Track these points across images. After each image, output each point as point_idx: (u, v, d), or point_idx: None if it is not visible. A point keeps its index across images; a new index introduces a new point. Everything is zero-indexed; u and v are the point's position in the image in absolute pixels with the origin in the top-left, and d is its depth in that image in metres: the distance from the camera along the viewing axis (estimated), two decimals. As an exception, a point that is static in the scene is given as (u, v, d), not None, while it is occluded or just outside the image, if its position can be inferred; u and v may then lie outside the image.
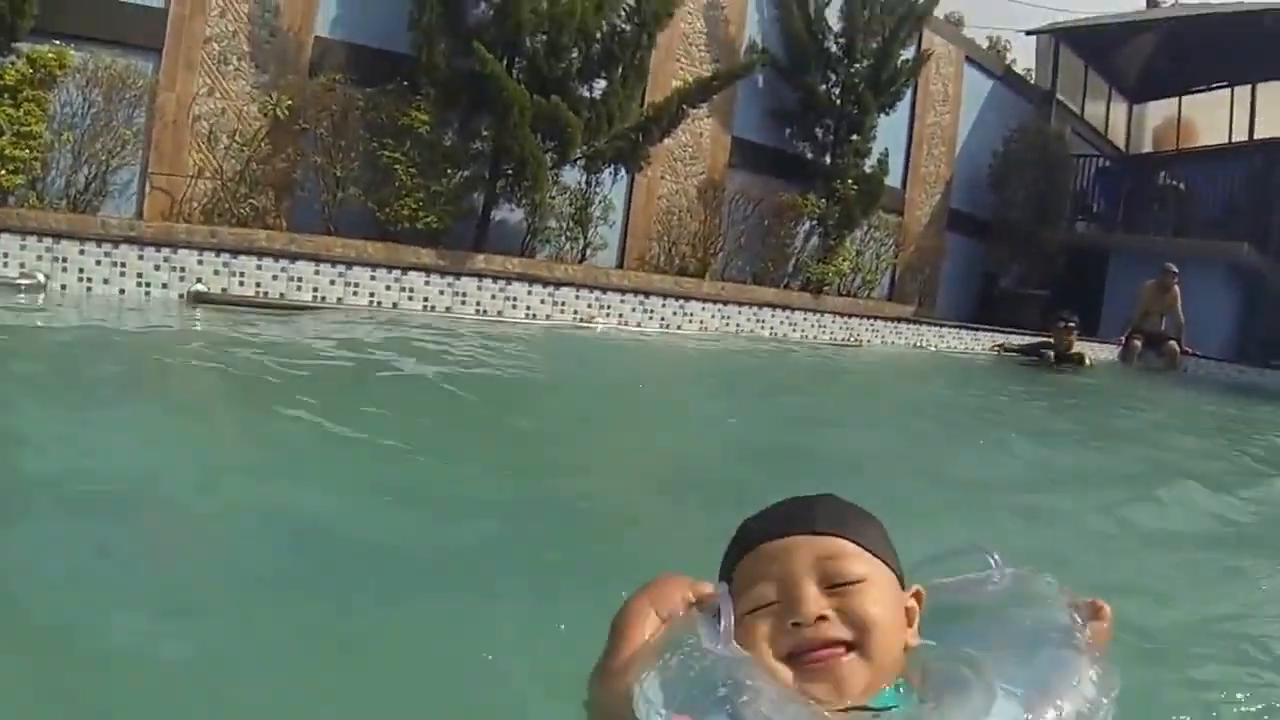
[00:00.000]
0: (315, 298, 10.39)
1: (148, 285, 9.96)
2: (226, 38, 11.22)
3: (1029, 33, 22.34)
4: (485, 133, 11.80)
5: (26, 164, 10.07)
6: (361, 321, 9.67)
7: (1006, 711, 1.34)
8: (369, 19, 11.79)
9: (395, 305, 10.68)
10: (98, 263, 9.87)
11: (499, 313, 11.22)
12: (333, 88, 11.23)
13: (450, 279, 11.03)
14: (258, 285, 10.21)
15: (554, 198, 12.47)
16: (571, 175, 12.78)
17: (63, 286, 9.64)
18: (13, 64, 10.13)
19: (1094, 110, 23.86)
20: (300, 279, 10.35)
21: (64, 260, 9.80)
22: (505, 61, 11.58)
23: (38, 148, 10.15)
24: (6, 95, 10.05)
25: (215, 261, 10.12)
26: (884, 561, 1.54)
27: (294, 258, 10.36)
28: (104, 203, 10.64)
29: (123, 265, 9.95)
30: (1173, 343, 15.82)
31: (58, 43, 10.30)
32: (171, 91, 11.00)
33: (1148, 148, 25.41)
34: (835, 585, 1.47)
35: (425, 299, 10.86)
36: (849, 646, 1.42)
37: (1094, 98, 23.81)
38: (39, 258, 9.74)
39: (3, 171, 9.89)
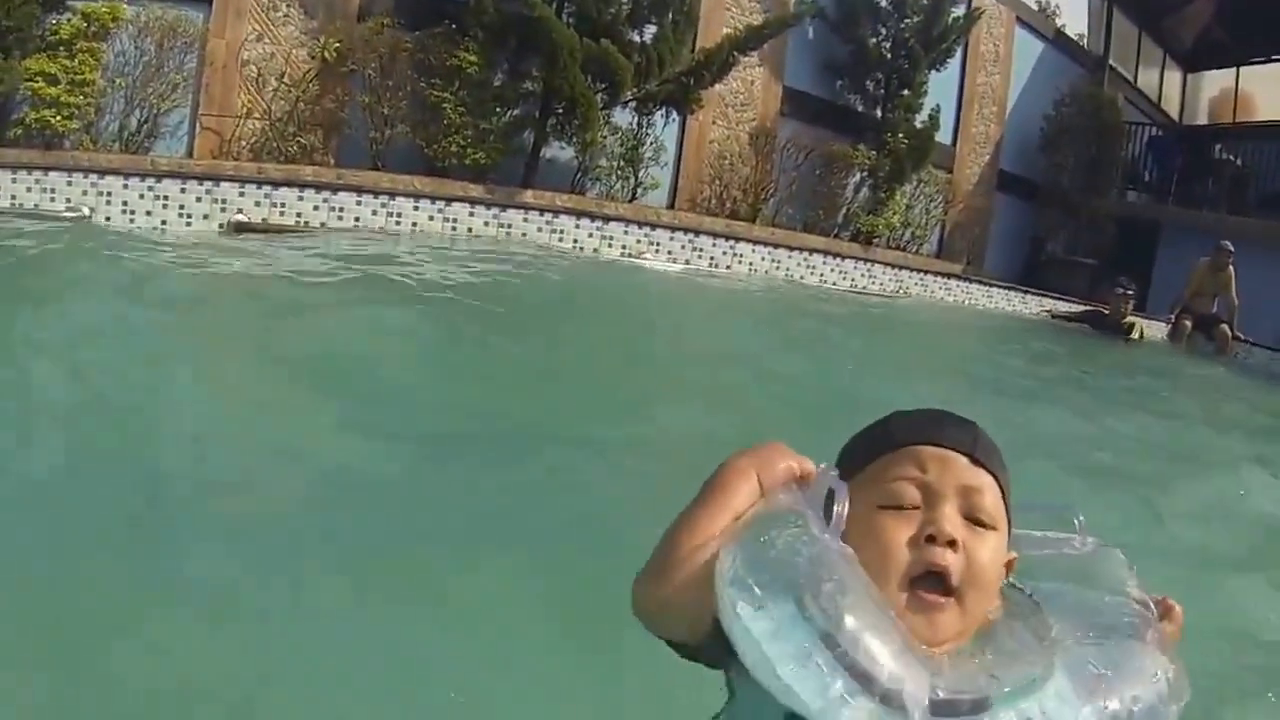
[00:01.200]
0: (356, 227, 10.50)
1: (189, 217, 10.19)
2: None
3: (1082, -5, 21.95)
4: (535, 73, 11.78)
5: (81, 109, 10.37)
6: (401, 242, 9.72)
7: (1060, 689, 1.28)
8: None
9: (438, 234, 10.74)
10: (140, 196, 10.16)
11: (545, 245, 11.15)
12: (381, 30, 11.31)
13: (496, 210, 11.04)
14: (298, 216, 10.37)
15: (605, 137, 12.43)
16: (623, 116, 12.73)
17: (106, 219, 9.92)
18: (69, 20, 10.47)
19: (1147, 78, 23.22)
20: (342, 209, 10.48)
21: (108, 195, 10.12)
22: (554, 6, 11.60)
23: (91, 94, 10.44)
24: (62, 48, 10.37)
25: (257, 193, 10.31)
26: (1009, 514, 1.48)
27: (335, 189, 10.48)
28: (155, 144, 10.89)
29: (165, 198, 10.20)
30: (1224, 326, 14.89)
31: None
32: (221, 38, 11.17)
33: (1203, 119, 24.56)
34: (972, 521, 1.40)
35: (470, 229, 10.84)
36: (952, 594, 1.35)
37: (1147, 65, 23.19)
38: (84, 193, 10.08)
39: (58, 117, 10.19)
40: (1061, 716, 1.25)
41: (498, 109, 11.60)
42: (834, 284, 13.29)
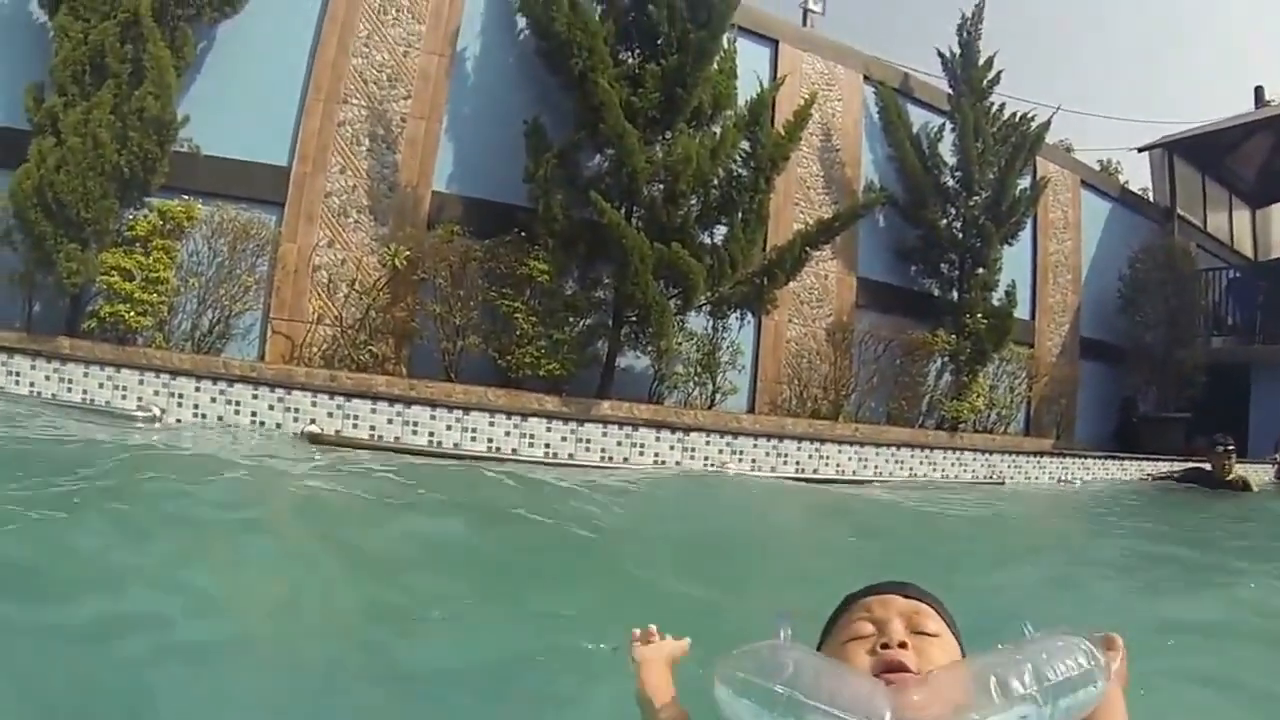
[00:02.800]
0: (431, 442, 10.11)
1: (262, 423, 9.92)
2: (346, 192, 11.32)
3: (1141, 149, 21.78)
4: (606, 281, 11.54)
5: (154, 307, 10.46)
6: (483, 468, 9.27)
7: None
8: (485, 174, 11.85)
9: (515, 451, 10.27)
10: (212, 400, 9.94)
11: (625, 459, 10.72)
12: (451, 239, 11.16)
13: (573, 425, 10.63)
14: (372, 429, 10.03)
15: (680, 344, 12.07)
16: (697, 321, 12.39)
17: (178, 420, 9.69)
18: (145, 216, 10.67)
19: (1216, 221, 22.88)
20: (416, 423, 10.10)
21: (180, 396, 9.94)
22: (623, 210, 11.37)
23: (165, 292, 10.53)
24: (138, 244, 10.57)
25: (329, 404, 10.04)
26: (953, 631, 1.92)
27: (410, 402, 10.16)
28: (226, 345, 10.84)
29: (237, 403, 9.97)
30: (1330, 455, 14.53)
31: (186, 198, 10.75)
32: (293, 242, 11.13)
33: (1277, 253, 24.24)
34: (917, 632, 1.83)
35: (547, 445, 10.45)
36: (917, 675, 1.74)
37: (1215, 208, 22.86)
38: (156, 393, 9.91)
39: (132, 313, 10.31)
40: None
41: (570, 318, 11.33)
42: (924, 476, 12.69)
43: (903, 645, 1.78)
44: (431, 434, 10.17)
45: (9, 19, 11.85)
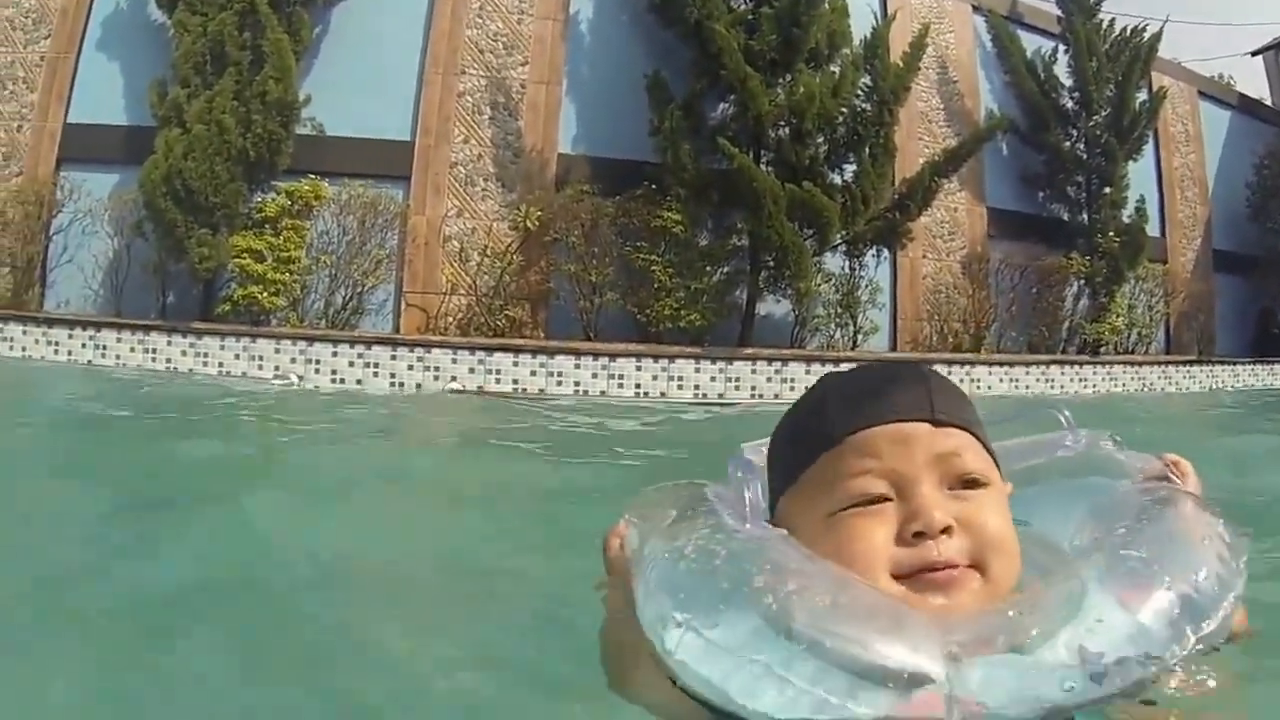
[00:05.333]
0: (578, 391, 10.10)
1: (401, 384, 10.01)
2: (471, 161, 11.31)
3: (1254, 53, 20.97)
4: (741, 227, 11.32)
5: (287, 286, 10.56)
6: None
7: (1100, 605, 1.03)
8: (609, 132, 11.75)
9: (663, 394, 10.21)
10: (350, 364, 10.09)
11: (775, 395, 10.57)
12: (580, 198, 11.03)
13: (721, 364, 10.52)
14: (515, 382, 10.07)
15: (819, 285, 11.83)
16: (834, 262, 12.15)
17: (315, 386, 9.88)
18: (273, 198, 10.77)
19: (1336, 118, 21.97)
20: (560, 374, 10.09)
21: (317, 362, 10.13)
22: (751, 154, 11.09)
23: (297, 271, 10.63)
24: (268, 225, 10.68)
25: (470, 359, 10.09)
26: (992, 455, 1.24)
27: (552, 352, 10.15)
28: (360, 320, 10.88)
29: (375, 365, 10.08)
30: None
31: (313, 177, 10.80)
32: (422, 215, 11.13)
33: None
34: (957, 488, 1.16)
35: (696, 386, 10.33)
36: (972, 568, 1.11)
37: (1333, 105, 21.94)
38: (292, 360, 10.18)
39: (265, 294, 10.41)
40: (1114, 629, 1.01)
41: (707, 267, 11.17)
42: (1075, 392, 12.50)
43: (947, 531, 1.11)
44: (577, 383, 10.13)
45: (128, 22, 12.06)
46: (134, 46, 12.08)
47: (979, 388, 11.75)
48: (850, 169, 11.77)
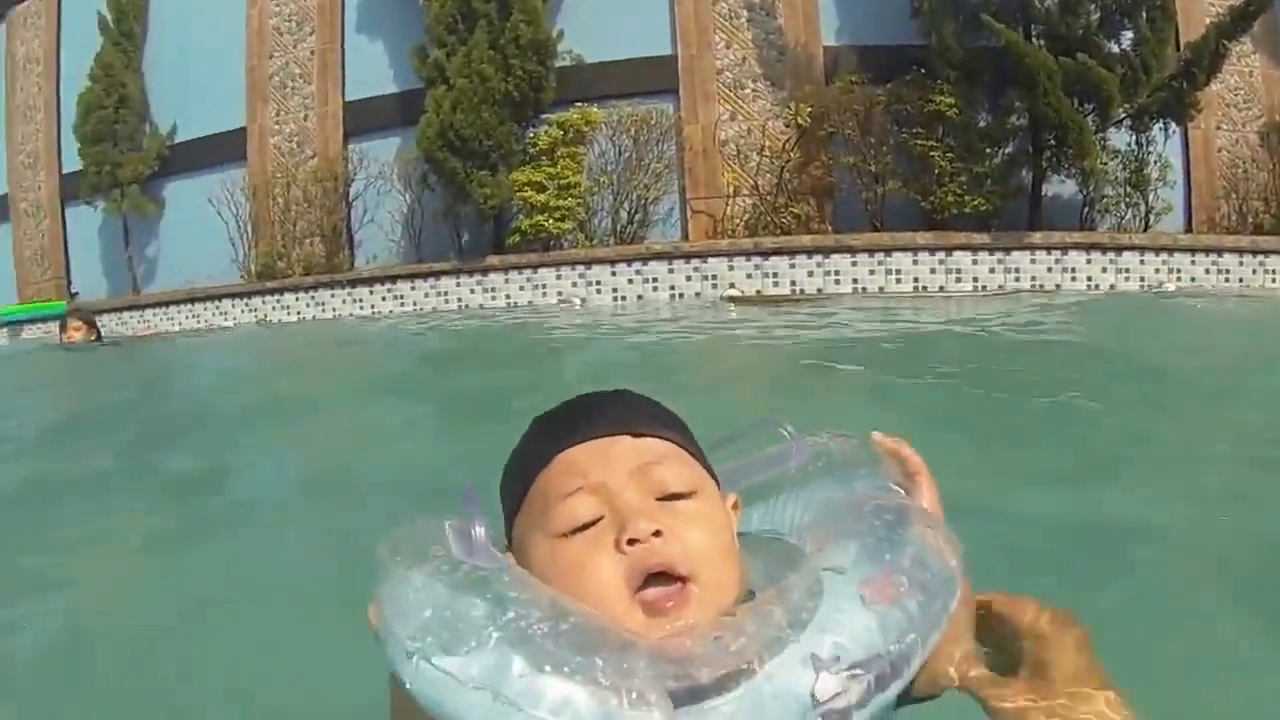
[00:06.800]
0: (855, 289, 10.03)
1: (680, 295, 10.22)
2: (737, 65, 11.36)
3: None
4: (1018, 105, 10.89)
5: (571, 211, 10.95)
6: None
7: (839, 595, 1.03)
8: (872, 18, 11.48)
9: (942, 289, 9.99)
10: (629, 281, 10.43)
11: (1056, 286, 10.13)
12: (851, 89, 10.88)
13: (999, 255, 10.12)
14: (793, 284, 10.09)
15: (1104, 163, 11.20)
16: (1119, 138, 11.50)
17: (597, 306, 10.27)
18: (545, 131, 11.19)
19: None
20: (837, 273, 10.06)
21: (597, 283, 10.55)
22: (1020, 30, 10.70)
23: (578, 194, 10.99)
24: (543, 157, 11.08)
25: (747, 265, 10.20)
26: (706, 467, 1.24)
27: (828, 252, 10.07)
28: (648, 232, 11.12)
29: (654, 280, 10.36)
30: None
31: (581, 105, 11.14)
32: (695, 123, 11.24)
33: None
34: (664, 497, 1.15)
35: (975, 279, 10.02)
36: (685, 582, 1.09)
37: None
38: (574, 285, 10.64)
39: (550, 220, 10.83)
40: (853, 626, 1.00)
41: (987, 150, 10.81)
42: None
43: (657, 534, 1.10)
44: (855, 280, 10.04)
45: (380, 2, 12.99)
46: (389, 22, 13.02)
47: (1277, 280, 10.86)
48: (1127, 37, 11.17)
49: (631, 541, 1.09)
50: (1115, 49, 11.10)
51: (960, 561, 1.12)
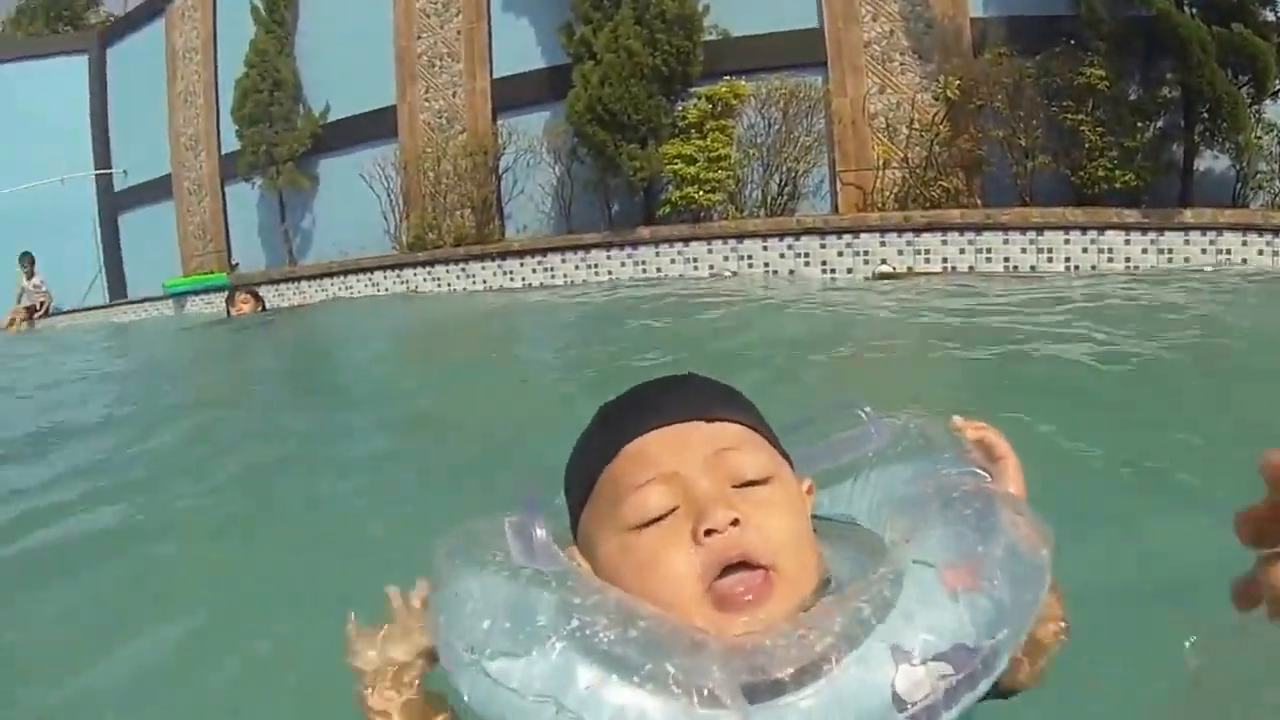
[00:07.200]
0: (1007, 268, 9.96)
1: (832, 270, 10.29)
2: (885, 38, 11.40)
3: None
4: (1170, 77, 10.69)
5: (721, 183, 11.15)
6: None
7: (923, 588, 0.99)
8: None
9: (1094, 268, 9.89)
10: (781, 256, 10.56)
11: (1211, 268, 9.95)
12: (999, 61, 10.84)
13: (1153, 235, 10.01)
14: (944, 260, 10.08)
15: (1259, 138, 10.96)
16: (1277, 110, 11.25)
17: (750, 281, 10.36)
18: (694, 104, 11.41)
19: None
20: (989, 250, 10.02)
21: (749, 257, 10.72)
22: (1173, -1, 10.55)
23: (728, 166, 11.18)
24: (692, 130, 11.30)
25: (898, 241, 10.22)
26: (780, 451, 1.22)
27: (980, 229, 10.00)
28: (798, 205, 11.26)
29: (805, 255, 10.47)
30: None
31: (729, 78, 11.32)
32: (844, 96, 11.34)
33: None
34: (740, 484, 1.12)
35: (1127, 259, 9.95)
36: (765, 569, 1.07)
37: None
38: (725, 259, 10.83)
39: (700, 193, 11.05)
40: (941, 622, 0.96)
41: (1138, 123, 10.65)
42: None
43: (735, 523, 1.07)
44: (1006, 258, 10.00)
45: None
46: (533, 1, 13.30)
47: None
48: (1285, 4, 10.93)
49: (709, 532, 1.07)
50: (1272, 17, 10.87)
51: (1050, 551, 1.07)
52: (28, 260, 19.06)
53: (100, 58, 20.93)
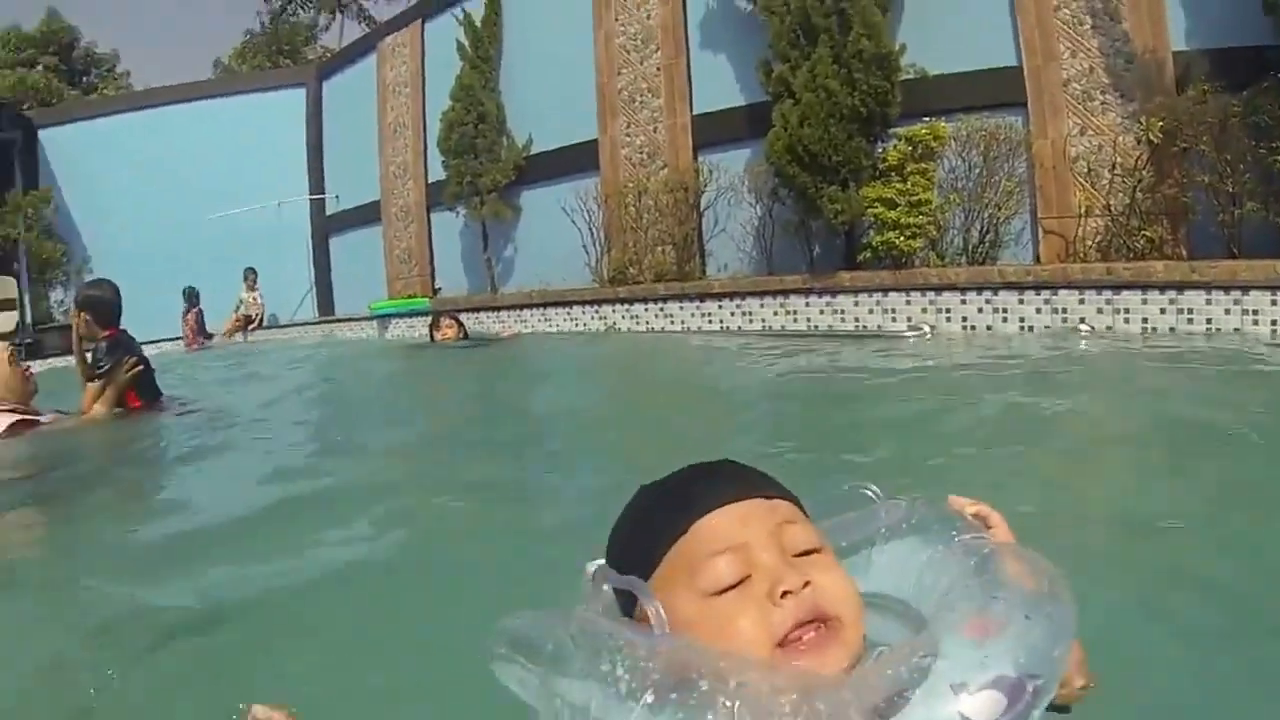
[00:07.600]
0: (1209, 330, 9.32)
1: (1030, 328, 10.13)
2: (1084, 75, 11.17)
3: None
4: None
5: (922, 228, 11.17)
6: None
7: (956, 639, 1.13)
8: (1222, 18, 10.82)
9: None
10: (979, 310, 10.47)
11: None
12: (1204, 99, 10.39)
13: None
14: (1144, 321, 9.66)
15: None
16: None
17: (947, 337, 10.36)
18: (894, 146, 11.48)
19: None
20: (1190, 311, 9.44)
21: (947, 310, 10.67)
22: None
23: (929, 211, 11.20)
24: (893, 173, 11.38)
25: (1097, 299, 9.91)
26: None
27: (1181, 288, 9.51)
28: (1000, 252, 11.20)
29: (1004, 310, 10.35)
30: None
31: (928, 119, 11.36)
32: (1045, 138, 11.22)
33: None
34: (799, 554, 1.29)
35: None
36: (828, 621, 1.23)
37: None
38: (923, 310, 10.82)
39: (901, 238, 11.11)
40: (984, 662, 1.09)
41: (1355, 167, 10.16)
42: None
43: (807, 585, 1.23)
44: (1209, 320, 9.35)
45: (721, 19, 13.93)
46: (731, 37, 13.74)
47: None
48: None
49: (785, 594, 1.22)
50: None
51: (1070, 591, 1.21)
52: (251, 274, 20.69)
53: (317, 90, 22.42)
